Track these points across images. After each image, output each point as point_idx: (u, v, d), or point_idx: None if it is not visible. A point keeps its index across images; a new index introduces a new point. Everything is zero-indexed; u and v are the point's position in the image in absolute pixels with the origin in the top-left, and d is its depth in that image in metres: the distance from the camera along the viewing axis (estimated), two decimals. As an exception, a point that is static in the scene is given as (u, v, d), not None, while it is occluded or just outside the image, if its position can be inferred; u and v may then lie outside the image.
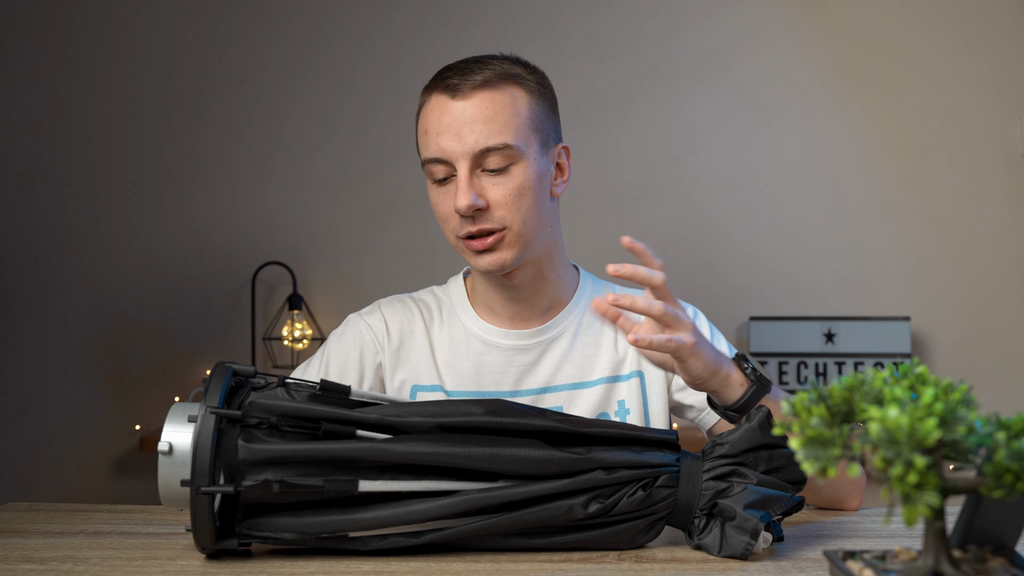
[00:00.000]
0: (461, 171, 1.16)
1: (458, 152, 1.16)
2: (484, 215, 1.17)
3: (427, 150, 1.20)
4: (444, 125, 1.18)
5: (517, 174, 1.18)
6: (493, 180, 1.17)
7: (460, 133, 1.17)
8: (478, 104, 1.17)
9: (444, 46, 2.81)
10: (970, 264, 2.77)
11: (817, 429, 0.64)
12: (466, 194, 1.15)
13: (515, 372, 1.26)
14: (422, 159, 1.22)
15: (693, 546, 0.95)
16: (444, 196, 1.20)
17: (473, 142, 1.16)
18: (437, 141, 1.18)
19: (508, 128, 1.17)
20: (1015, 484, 0.60)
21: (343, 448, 0.89)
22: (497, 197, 1.17)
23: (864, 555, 0.72)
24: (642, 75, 2.82)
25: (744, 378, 1.07)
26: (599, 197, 2.74)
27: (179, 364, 2.81)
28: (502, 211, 1.17)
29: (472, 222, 1.17)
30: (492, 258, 1.19)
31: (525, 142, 1.19)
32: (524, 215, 1.18)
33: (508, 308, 1.27)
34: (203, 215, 2.85)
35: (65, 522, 1.09)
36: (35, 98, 2.84)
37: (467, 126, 1.17)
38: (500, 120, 1.17)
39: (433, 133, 1.19)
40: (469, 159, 1.16)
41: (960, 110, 2.77)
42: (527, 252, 1.21)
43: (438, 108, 1.19)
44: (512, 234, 1.18)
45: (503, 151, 1.17)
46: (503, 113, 1.18)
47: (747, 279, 2.79)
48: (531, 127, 1.20)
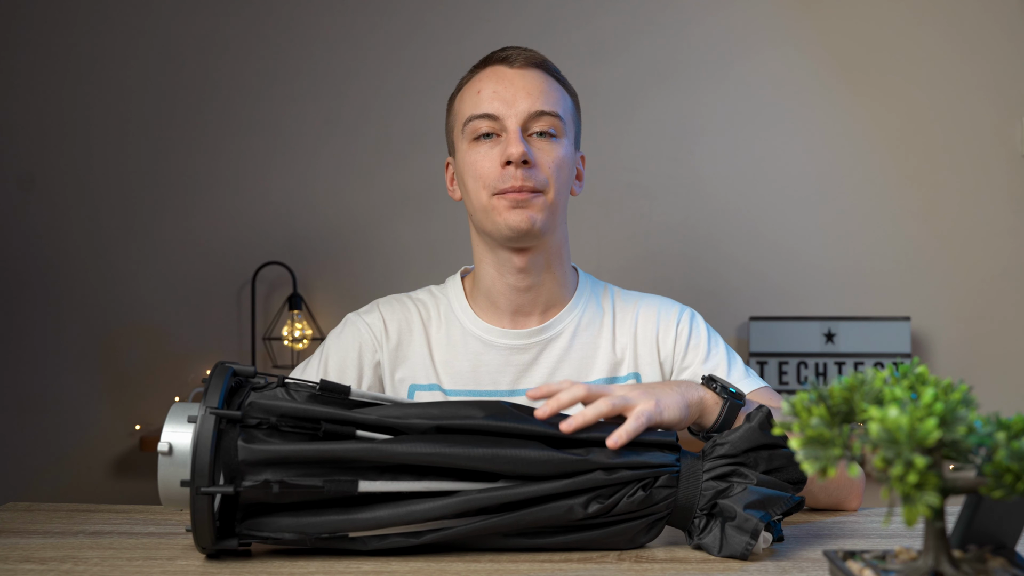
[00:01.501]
0: (511, 126, 1.21)
1: (512, 111, 1.22)
2: (529, 172, 1.21)
3: (477, 107, 1.24)
4: (502, 87, 1.23)
5: (561, 146, 1.24)
6: (540, 144, 1.23)
7: (516, 96, 1.22)
8: (534, 77, 1.25)
9: (444, 46, 2.82)
10: (970, 264, 2.77)
11: (817, 429, 0.64)
12: (519, 143, 1.20)
13: (513, 371, 1.27)
14: (466, 116, 1.24)
15: (693, 546, 0.95)
16: (486, 154, 1.23)
17: (528, 105, 1.22)
18: (491, 99, 1.23)
19: (558, 104, 1.25)
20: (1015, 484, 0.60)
21: (343, 448, 0.89)
22: (543, 160, 1.22)
23: (864, 555, 0.72)
24: (642, 75, 2.82)
25: (716, 397, 1.05)
26: (599, 197, 2.74)
27: (179, 364, 2.81)
28: (545, 173, 1.22)
29: (518, 176, 1.20)
30: (525, 213, 1.21)
31: (568, 124, 1.26)
32: (559, 187, 1.23)
33: (511, 300, 1.27)
34: (203, 215, 2.85)
35: (65, 522, 1.09)
36: (35, 98, 2.84)
37: (523, 91, 1.23)
38: (553, 96, 1.24)
39: (488, 92, 1.23)
40: (521, 118, 1.22)
41: (960, 110, 2.77)
42: (552, 227, 1.24)
43: (494, 75, 1.25)
44: (547, 199, 1.22)
45: (553, 118, 1.23)
46: (555, 92, 1.25)
47: (747, 279, 2.79)
48: (570, 118, 1.27)
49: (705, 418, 1.05)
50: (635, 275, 2.68)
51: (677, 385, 1.04)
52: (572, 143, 1.27)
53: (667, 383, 1.05)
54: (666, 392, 1.01)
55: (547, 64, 1.28)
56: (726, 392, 1.05)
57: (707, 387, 1.06)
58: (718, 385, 1.06)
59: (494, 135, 1.22)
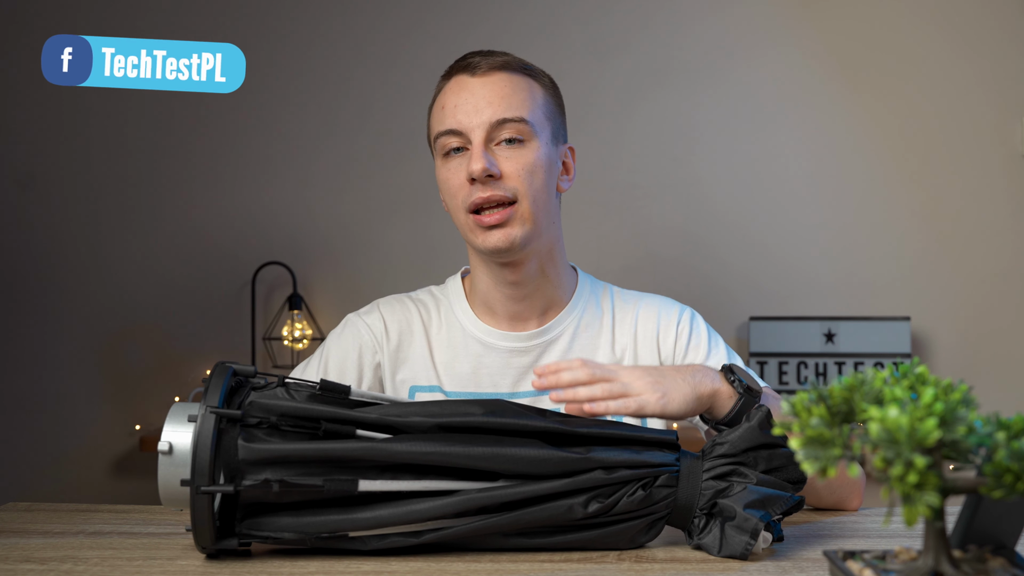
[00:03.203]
0: (476, 139, 1.18)
1: (474, 123, 1.18)
2: (496, 183, 1.18)
3: (442, 124, 1.21)
4: (462, 99, 1.20)
5: (530, 150, 1.20)
6: (507, 153, 1.19)
7: (478, 106, 1.19)
8: (497, 82, 1.21)
9: (444, 46, 2.81)
10: (970, 264, 2.77)
11: (817, 429, 0.64)
12: (480, 158, 1.17)
13: (513, 373, 1.26)
14: (435, 133, 1.23)
15: (693, 546, 0.95)
16: (455, 170, 1.21)
17: (490, 114, 1.19)
18: (454, 114, 1.20)
19: (524, 106, 1.20)
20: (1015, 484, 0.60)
21: (343, 448, 0.89)
22: (510, 169, 1.19)
23: (864, 555, 0.72)
24: (642, 75, 2.82)
25: (732, 391, 1.05)
26: (599, 197, 2.74)
27: (179, 364, 2.81)
28: (514, 182, 1.19)
29: (484, 188, 1.18)
30: (501, 234, 1.19)
31: (538, 124, 1.22)
32: (535, 192, 1.20)
33: (508, 308, 1.27)
34: (203, 215, 2.85)
35: (65, 522, 1.09)
36: (35, 98, 2.83)
37: (485, 99, 1.19)
38: (517, 99, 1.20)
39: (451, 107, 1.21)
40: (485, 130, 1.18)
41: (960, 110, 2.77)
42: (534, 236, 1.21)
43: (457, 86, 1.22)
44: (522, 210, 1.19)
45: (518, 124, 1.19)
46: (520, 94, 1.21)
47: (747, 279, 2.79)
48: (544, 115, 1.23)
49: (717, 410, 1.05)
50: (635, 275, 2.68)
51: (692, 374, 1.04)
52: (548, 142, 1.23)
53: (683, 370, 1.05)
54: (676, 382, 1.02)
55: (511, 64, 1.23)
56: (742, 386, 1.05)
57: (725, 379, 1.06)
58: (736, 378, 1.06)
59: (463, 149, 1.20)
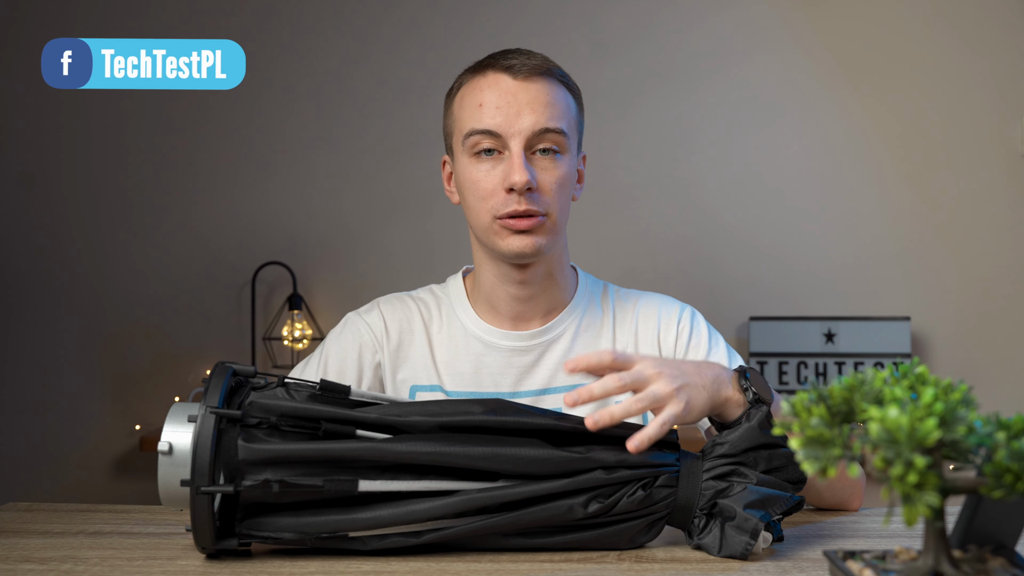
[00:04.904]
0: (515, 148, 1.17)
1: (515, 129, 1.17)
2: (532, 196, 1.17)
3: (478, 121, 1.18)
4: (504, 101, 1.18)
5: (564, 163, 1.20)
6: (544, 164, 1.19)
7: (520, 111, 1.17)
8: (539, 89, 1.19)
9: (444, 46, 2.82)
10: (970, 264, 2.77)
11: (817, 429, 0.64)
12: (523, 170, 1.16)
13: (514, 373, 1.26)
14: (467, 130, 1.20)
15: (693, 546, 0.95)
16: (487, 172, 1.19)
17: (533, 122, 1.17)
18: (493, 114, 1.18)
19: (564, 117, 1.20)
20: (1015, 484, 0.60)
21: (343, 448, 0.89)
22: (546, 182, 1.18)
23: (864, 555, 0.72)
24: (642, 75, 2.82)
25: (743, 399, 1.04)
26: (599, 197, 2.73)
27: (179, 364, 2.81)
28: (548, 196, 1.19)
29: (520, 201, 1.17)
30: (529, 241, 1.19)
31: (572, 137, 1.22)
32: (562, 206, 1.21)
33: (512, 307, 1.27)
34: (203, 215, 2.85)
35: (65, 522, 1.09)
36: (35, 98, 2.83)
37: (527, 106, 1.18)
38: (558, 108, 1.19)
39: (490, 106, 1.18)
40: (525, 137, 1.17)
41: (960, 110, 2.77)
42: (553, 245, 1.22)
43: (496, 84, 1.19)
44: (550, 222, 1.20)
45: (558, 136, 1.19)
46: (560, 104, 1.20)
47: (747, 279, 2.79)
48: (574, 126, 1.23)
49: (725, 416, 1.05)
50: (635, 275, 2.68)
51: (712, 381, 1.02)
52: (575, 154, 1.23)
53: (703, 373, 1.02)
54: (697, 391, 1.00)
55: (552, 71, 1.21)
56: (754, 396, 1.04)
57: (739, 385, 1.04)
58: (749, 387, 1.04)
59: (496, 151, 1.19)
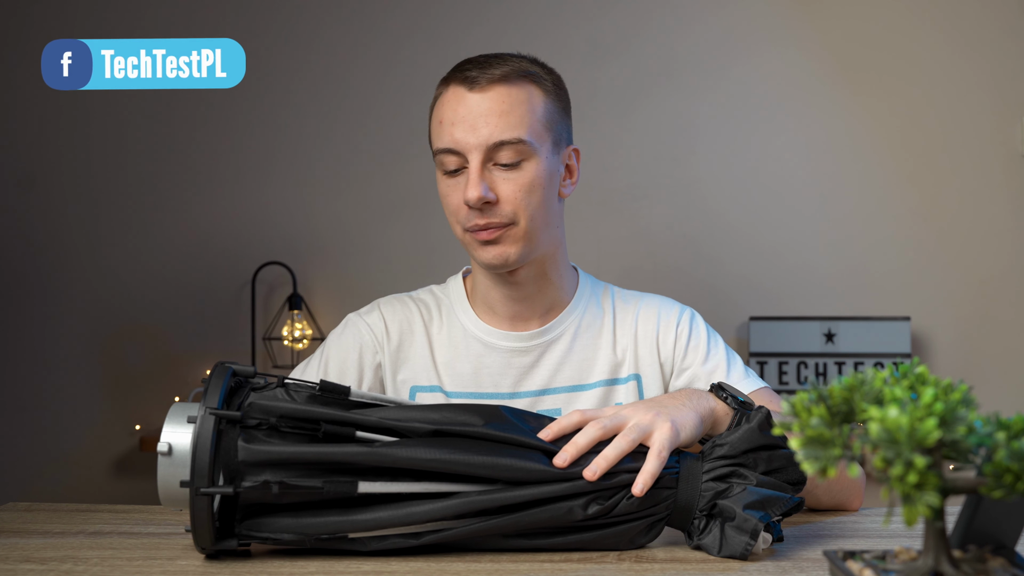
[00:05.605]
0: (473, 163, 1.16)
1: (471, 144, 1.16)
2: (493, 209, 1.17)
3: (440, 140, 1.19)
4: (459, 116, 1.17)
5: (528, 170, 1.18)
6: (504, 175, 1.18)
7: (475, 125, 1.17)
8: (495, 98, 1.17)
9: (444, 46, 2.82)
10: (970, 264, 2.77)
11: (817, 429, 0.64)
12: (476, 186, 1.15)
13: (514, 374, 1.26)
14: (434, 149, 1.21)
15: (693, 547, 0.95)
16: (454, 188, 1.20)
17: (487, 135, 1.16)
18: (451, 132, 1.18)
19: (523, 124, 1.18)
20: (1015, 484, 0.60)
21: (343, 451, 0.89)
22: (507, 192, 1.17)
23: (864, 555, 0.72)
24: (642, 75, 2.82)
25: (727, 408, 1.05)
26: (599, 197, 2.74)
27: (179, 364, 2.81)
28: (511, 206, 1.17)
29: (481, 215, 1.17)
30: (497, 251, 1.19)
31: (538, 139, 1.19)
32: (532, 212, 1.19)
33: (508, 308, 1.27)
34: (203, 215, 2.85)
35: (65, 522, 1.09)
36: (35, 98, 2.83)
37: (482, 118, 1.17)
38: (515, 115, 1.17)
39: (448, 123, 1.18)
40: (482, 151, 1.16)
41: (960, 110, 2.77)
42: (532, 250, 1.21)
43: (455, 99, 1.19)
44: (518, 230, 1.19)
45: (516, 146, 1.17)
46: (519, 109, 1.18)
47: (747, 279, 2.79)
48: (545, 125, 1.20)
49: (716, 429, 1.04)
50: (635, 275, 2.68)
51: (688, 399, 1.03)
52: (548, 154, 1.21)
53: (677, 396, 1.03)
54: (679, 410, 0.99)
55: (510, 74, 1.18)
56: (736, 402, 1.04)
57: (717, 397, 1.05)
58: (728, 395, 1.05)
59: (461, 169, 1.19)
